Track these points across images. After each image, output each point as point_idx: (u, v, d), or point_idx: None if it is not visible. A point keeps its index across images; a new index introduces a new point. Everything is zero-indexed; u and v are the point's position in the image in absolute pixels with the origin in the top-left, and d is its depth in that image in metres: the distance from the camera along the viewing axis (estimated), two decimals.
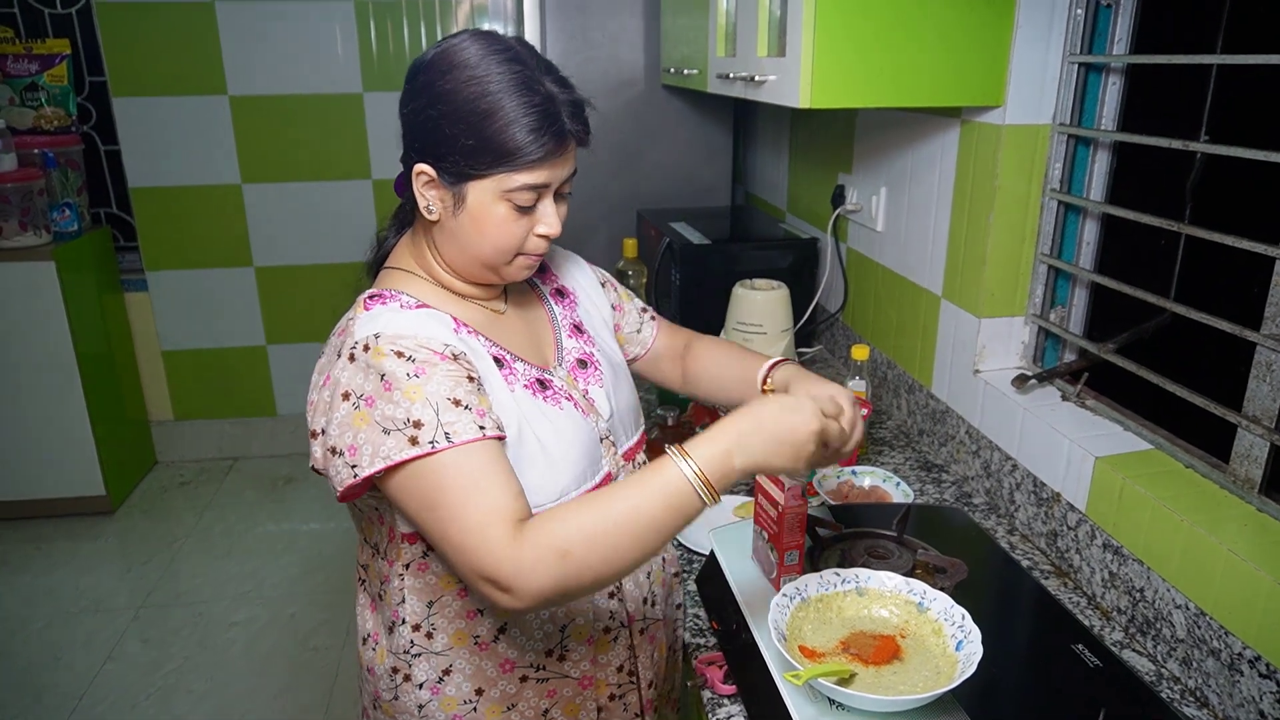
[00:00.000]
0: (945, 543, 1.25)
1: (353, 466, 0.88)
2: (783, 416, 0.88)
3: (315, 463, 0.93)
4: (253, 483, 3.58)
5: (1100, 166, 1.41)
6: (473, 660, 1.01)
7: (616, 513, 0.84)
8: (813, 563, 1.18)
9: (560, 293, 1.18)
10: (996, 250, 1.47)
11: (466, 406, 0.88)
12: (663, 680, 1.19)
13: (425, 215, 0.97)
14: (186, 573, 2.98)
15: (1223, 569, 1.01)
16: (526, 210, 0.95)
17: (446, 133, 0.91)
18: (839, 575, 1.08)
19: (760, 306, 1.83)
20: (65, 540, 3.16)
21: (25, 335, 3.05)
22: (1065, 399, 1.41)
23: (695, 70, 2.03)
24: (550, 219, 0.98)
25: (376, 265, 1.09)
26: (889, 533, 1.24)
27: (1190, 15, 1.26)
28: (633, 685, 1.12)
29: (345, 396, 0.89)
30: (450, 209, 0.96)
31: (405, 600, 1.00)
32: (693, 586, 1.27)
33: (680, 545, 1.36)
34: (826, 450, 0.92)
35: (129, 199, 3.42)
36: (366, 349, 0.90)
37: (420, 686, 1.02)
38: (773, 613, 1.01)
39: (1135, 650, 1.14)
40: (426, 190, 0.96)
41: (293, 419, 3.78)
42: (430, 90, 0.92)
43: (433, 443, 0.86)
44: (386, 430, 0.87)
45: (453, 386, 0.89)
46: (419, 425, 0.86)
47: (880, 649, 1.01)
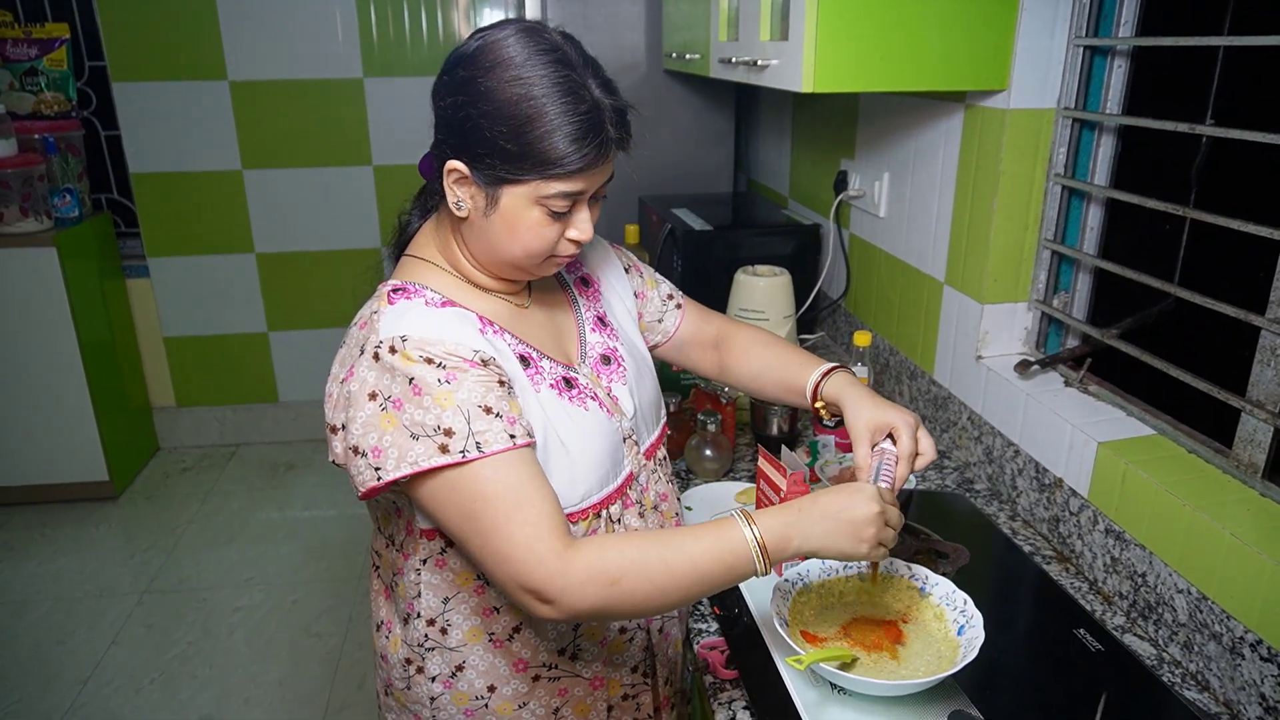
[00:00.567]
0: (947, 528, 1.25)
1: (376, 469, 0.87)
2: (841, 502, 0.91)
3: (335, 458, 0.92)
4: (255, 469, 3.59)
5: (1105, 151, 1.40)
6: (486, 657, 1.01)
7: (672, 557, 0.86)
8: None
9: (585, 281, 1.16)
10: (1000, 235, 1.46)
11: (497, 414, 0.87)
12: (678, 676, 1.19)
13: (454, 211, 0.95)
14: (189, 558, 2.99)
15: (1225, 553, 1.01)
16: (560, 215, 0.93)
17: (485, 134, 0.88)
18: (841, 561, 1.08)
19: (762, 293, 1.83)
20: (69, 526, 3.18)
21: (27, 322, 3.05)
22: (1068, 385, 1.41)
23: (697, 55, 2.01)
24: (583, 225, 0.96)
25: (400, 249, 1.06)
26: None
27: None
28: (646, 686, 1.12)
29: (371, 396, 0.87)
30: (481, 209, 0.93)
31: (421, 594, 1.00)
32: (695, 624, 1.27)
33: None
34: (887, 530, 0.93)
35: (130, 184, 3.41)
36: (394, 351, 0.88)
37: (433, 680, 1.02)
38: (774, 598, 1.01)
39: (1137, 634, 1.14)
40: (457, 187, 0.93)
41: (294, 405, 3.78)
42: (470, 87, 0.89)
43: (463, 452, 0.85)
44: (415, 435, 0.85)
45: (484, 393, 0.88)
46: (450, 433, 0.85)
47: (882, 634, 1.01)
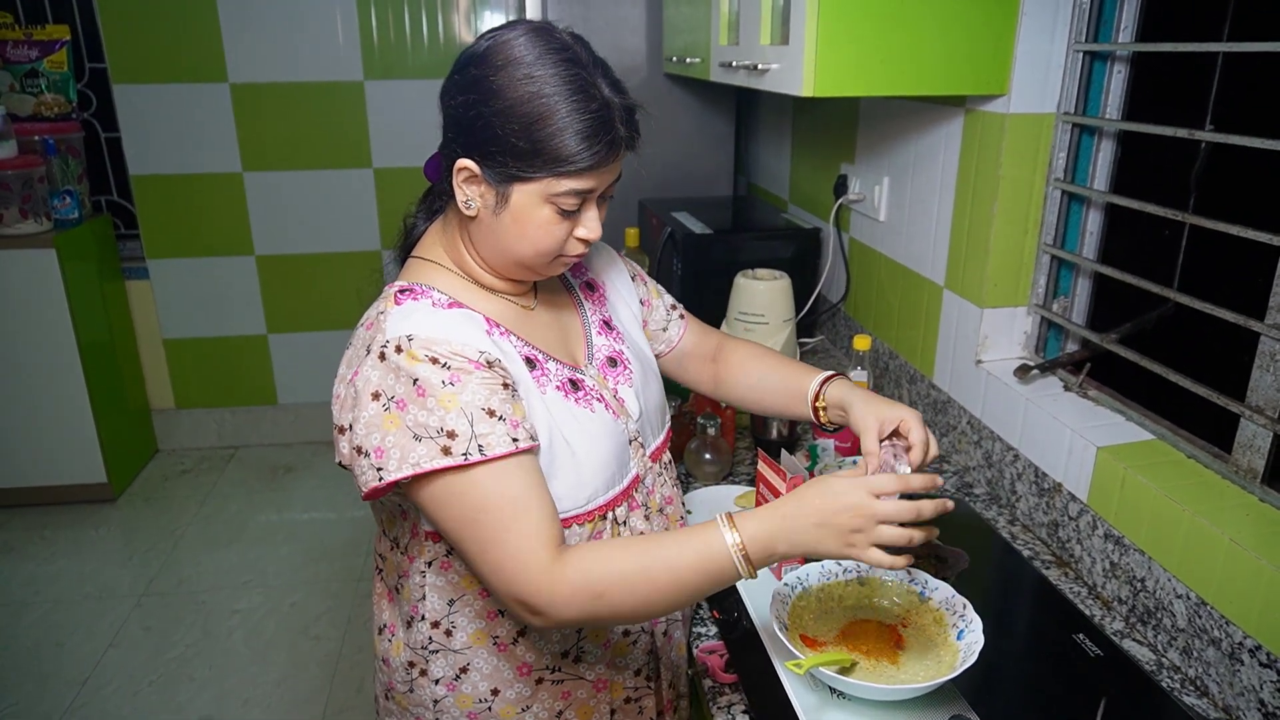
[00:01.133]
0: (947, 533, 1.25)
1: (378, 469, 0.86)
2: (826, 502, 0.87)
3: (342, 458, 0.91)
4: (254, 471, 3.59)
5: (1104, 156, 1.41)
6: (490, 660, 1.01)
7: (654, 567, 0.87)
8: None
9: (590, 286, 1.16)
10: (999, 240, 1.46)
11: (501, 417, 0.87)
12: (681, 680, 1.19)
13: (463, 211, 0.95)
14: (188, 561, 2.99)
15: (1224, 559, 1.01)
16: (570, 214, 0.94)
17: (496, 132, 0.89)
18: (840, 565, 1.09)
19: (762, 297, 1.83)
20: (68, 528, 3.17)
21: (26, 323, 3.05)
22: (1067, 389, 1.41)
23: (698, 59, 2.02)
24: (592, 223, 0.96)
25: (406, 251, 1.06)
26: None
27: (1196, 2, 1.25)
28: (650, 689, 1.11)
29: (375, 396, 0.87)
30: (491, 207, 0.93)
31: (426, 597, 1.00)
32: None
33: None
34: (880, 530, 0.87)
35: (130, 186, 3.41)
36: (399, 350, 0.88)
37: (436, 682, 1.01)
38: (774, 602, 1.01)
39: (1136, 640, 1.14)
40: (467, 186, 0.93)
41: (293, 408, 3.77)
42: (482, 85, 0.89)
43: (465, 454, 0.85)
44: (417, 436, 0.85)
45: (488, 395, 0.87)
46: (453, 435, 0.85)
47: (882, 638, 1.01)
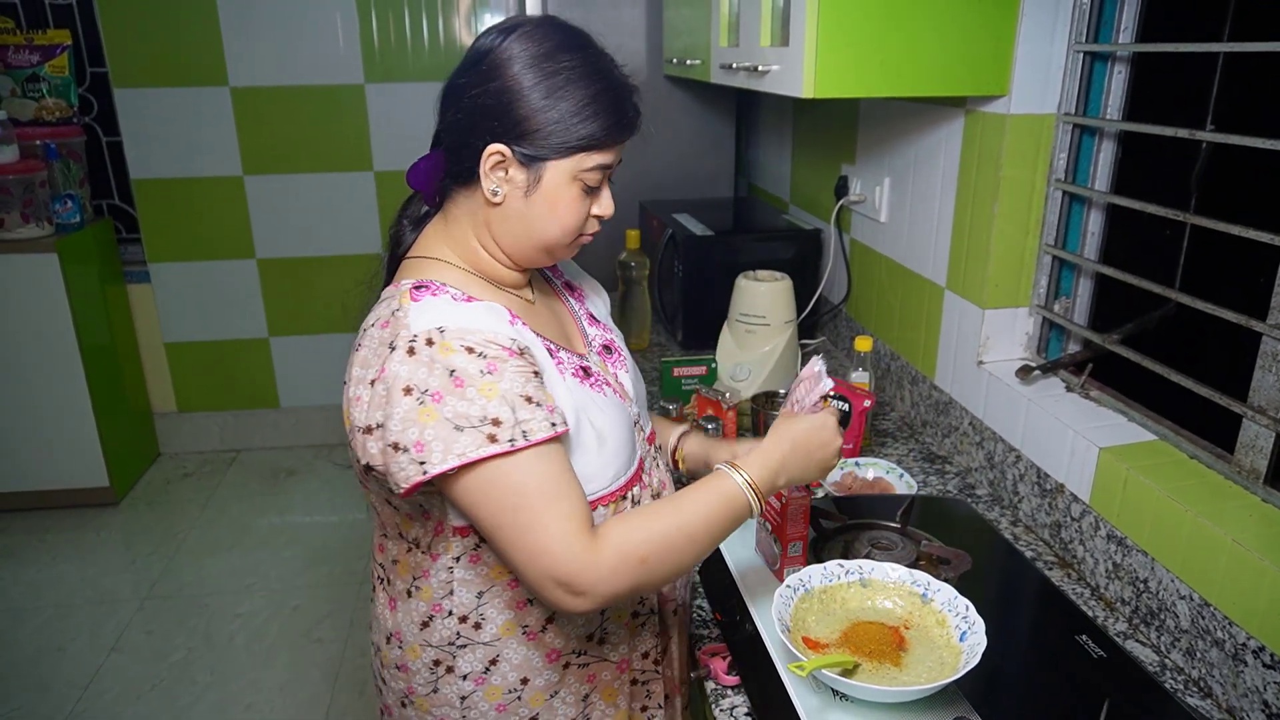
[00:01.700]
0: (949, 534, 1.25)
1: (421, 463, 0.85)
2: (811, 432, 1.02)
3: (370, 459, 0.90)
4: (255, 475, 3.59)
5: (1105, 156, 1.41)
6: (520, 650, 1.01)
7: (687, 522, 0.91)
8: (816, 554, 1.18)
9: (570, 286, 1.20)
10: (1000, 241, 1.46)
11: (538, 403, 0.88)
12: (684, 666, 1.20)
13: (489, 199, 0.96)
14: (190, 564, 2.99)
15: (1227, 560, 1.01)
16: (592, 191, 0.98)
17: (527, 112, 0.92)
18: (843, 567, 1.08)
19: (763, 298, 1.83)
20: (69, 532, 3.17)
21: (28, 327, 3.05)
22: (1069, 390, 1.41)
23: (698, 60, 2.02)
24: (607, 201, 1.01)
25: (395, 262, 1.05)
26: (893, 524, 1.25)
27: (1196, 2, 1.25)
28: (657, 674, 1.13)
29: (407, 391, 0.86)
30: (522, 190, 0.95)
31: (454, 592, 0.99)
32: (696, 578, 1.27)
33: None
34: None
35: (131, 190, 3.42)
36: (430, 343, 0.87)
37: (464, 678, 1.01)
38: (776, 604, 1.01)
39: (1139, 641, 1.14)
40: (496, 172, 0.95)
41: (295, 411, 3.78)
42: (505, 71, 0.93)
43: (512, 440, 0.85)
44: (459, 427, 0.85)
45: (524, 383, 0.88)
46: (497, 423, 0.85)
47: (884, 640, 1.01)
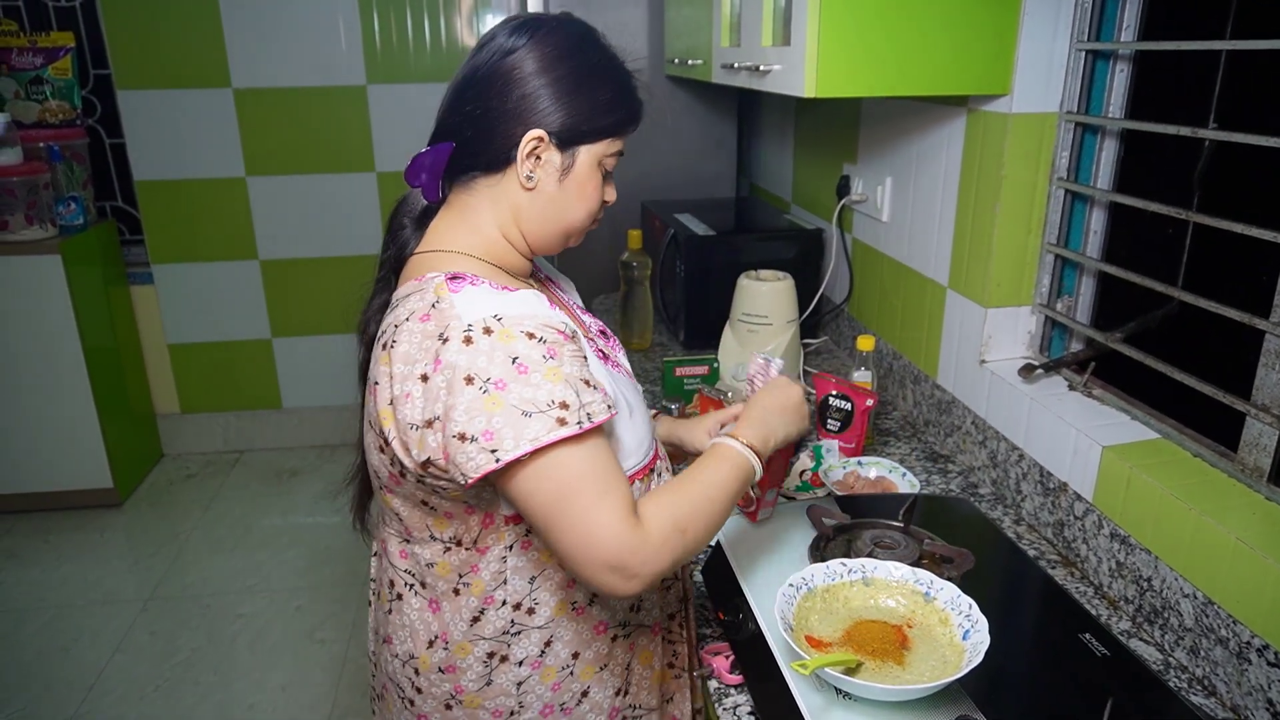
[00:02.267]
0: (952, 533, 1.25)
1: (493, 451, 0.84)
2: (779, 396, 1.10)
3: (431, 454, 0.88)
4: (258, 476, 3.60)
5: (1108, 155, 1.41)
6: (571, 627, 1.02)
7: (709, 490, 0.95)
8: (819, 553, 1.18)
9: (550, 279, 1.20)
10: (1003, 240, 1.46)
11: (594, 386, 0.90)
12: (694, 626, 1.21)
13: (523, 184, 0.98)
14: (193, 565, 3.00)
15: (1231, 558, 1.01)
16: (607, 177, 1.03)
17: (566, 99, 0.96)
18: (845, 565, 1.08)
19: (765, 298, 1.83)
20: (73, 533, 3.18)
21: (32, 329, 3.06)
22: (1072, 389, 1.41)
23: (699, 61, 2.02)
24: (613, 188, 1.05)
25: (399, 261, 1.05)
26: (895, 523, 1.24)
27: (1199, 1, 1.25)
28: (682, 637, 1.16)
29: (469, 380, 0.85)
30: (556, 176, 0.98)
31: (508, 580, 0.99)
32: (699, 577, 1.27)
33: None
34: None
35: (134, 192, 3.42)
36: (489, 331, 0.87)
37: (520, 664, 1.01)
38: (779, 603, 1.01)
39: (1143, 639, 1.14)
40: (531, 158, 0.97)
41: (298, 411, 3.78)
42: (541, 62, 0.95)
43: (579, 423, 0.86)
44: (527, 413, 0.84)
45: (580, 366, 0.90)
46: (565, 406, 0.86)
47: (887, 639, 1.01)
